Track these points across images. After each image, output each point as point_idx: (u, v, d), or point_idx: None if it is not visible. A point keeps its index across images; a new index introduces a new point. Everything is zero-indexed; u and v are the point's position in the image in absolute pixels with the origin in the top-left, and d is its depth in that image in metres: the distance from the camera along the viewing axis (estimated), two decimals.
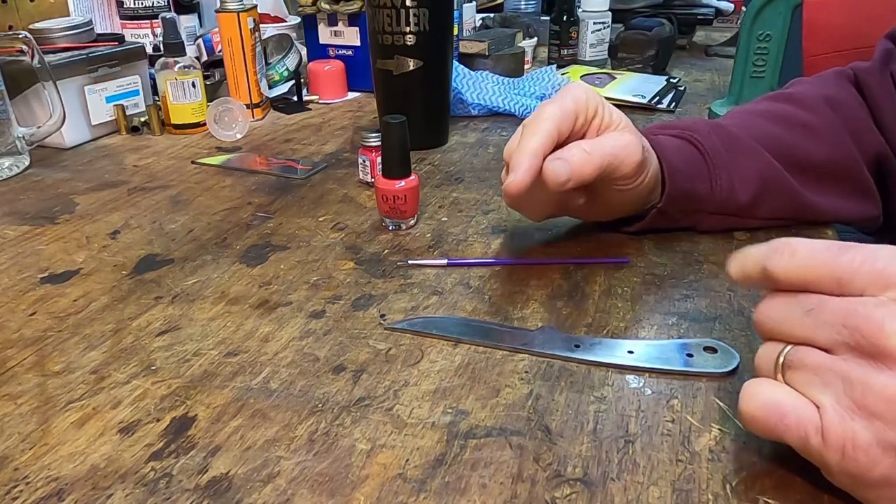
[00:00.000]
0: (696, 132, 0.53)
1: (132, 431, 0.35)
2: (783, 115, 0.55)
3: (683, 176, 0.51)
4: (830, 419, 0.27)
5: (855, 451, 0.26)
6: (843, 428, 0.26)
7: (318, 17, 1.01)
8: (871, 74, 0.57)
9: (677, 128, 0.54)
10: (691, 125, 0.54)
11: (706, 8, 1.30)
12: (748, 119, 0.56)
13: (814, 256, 0.29)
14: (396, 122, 0.54)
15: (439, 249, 0.53)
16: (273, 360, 0.40)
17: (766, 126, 0.55)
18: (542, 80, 0.95)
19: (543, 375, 0.38)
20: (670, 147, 0.52)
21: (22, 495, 0.31)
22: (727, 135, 0.53)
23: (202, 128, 0.85)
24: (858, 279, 0.27)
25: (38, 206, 0.64)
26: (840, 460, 0.27)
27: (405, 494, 0.31)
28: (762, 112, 0.57)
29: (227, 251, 0.54)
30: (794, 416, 0.28)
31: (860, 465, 0.26)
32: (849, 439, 0.26)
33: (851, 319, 0.27)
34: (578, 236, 0.55)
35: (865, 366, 0.26)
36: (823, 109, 0.55)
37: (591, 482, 0.31)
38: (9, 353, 0.42)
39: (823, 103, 0.56)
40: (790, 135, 0.54)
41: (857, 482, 0.27)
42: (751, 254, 0.31)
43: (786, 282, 0.29)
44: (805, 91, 0.58)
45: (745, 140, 0.53)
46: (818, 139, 0.54)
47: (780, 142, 0.53)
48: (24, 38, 0.71)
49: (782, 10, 0.82)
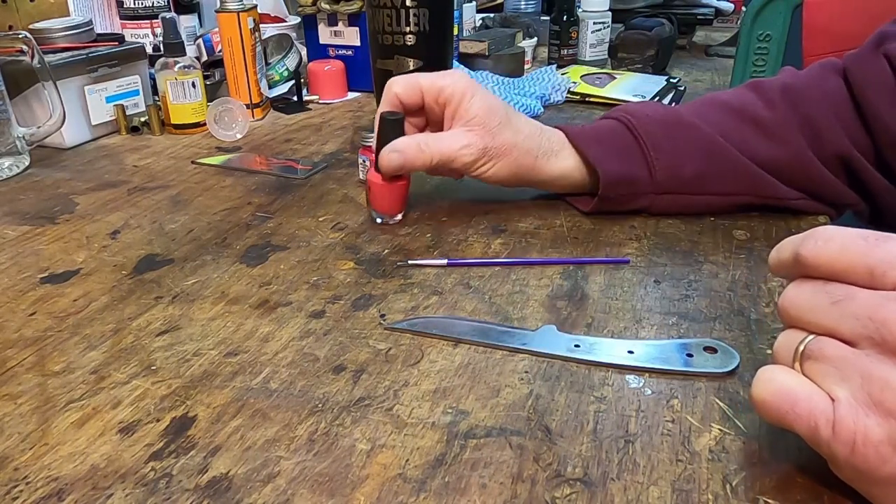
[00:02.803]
0: (633, 115, 0.56)
1: (132, 431, 0.35)
2: (740, 109, 0.56)
3: (610, 158, 0.54)
4: (844, 412, 0.26)
5: (865, 447, 0.26)
6: (856, 422, 0.26)
7: (318, 17, 1.01)
8: (859, 60, 0.55)
9: (620, 111, 0.58)
10: (633, 108, 0.58)
11: (706, 8, 1.30)
12: (702, 107, 0.57)
13: (848, 245, 0.28)
14: (394, 118, 0.54)
15: (439, 249, 0.53)
16: (273, 360, 0.40)
17: (717, 115, 0.56)
18: (542, 80, 0.95)
19: (543, 375, 0.39)
20: (600, 134, 0.56)
21: (22, 495, 0.31)
22: (666, 114, 0.56)
23: (202, 128, 0.85)
24: (893, 273, 0.26)
25: (38, 206, 0.64)
26: (849, 455, 0.26)
27: (405, 494, 0.31)
28: (721, 103, 0.57)
29: (227, 251, 0.54)
30: (807, 404, 0.27)
31: (869, 461, 0.26)
32: (860, 434, 0.26)
33: (880, 313, 0.26)
34: (578, 236, 0.55)
35: (888, 362, 0.26)
36: (780, 105, 0.55)
37: (591, 482, 0.31)
38: (9, 353, 0.42)
39: (781, 97, 0.55)
40: (743, 130, 0.55)
41: (865, 478, 0.27)
42: (787, 240, 0.30)
43: (816, 268, 0.28)
44: (771, 82, 0.58)
45: (686, 117, 0.55)
46: (771, 137, 0.54)
47: (733, 135, 0.54)
48: (24, 38, 0.71)
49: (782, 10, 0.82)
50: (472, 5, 1.25)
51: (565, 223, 0.57)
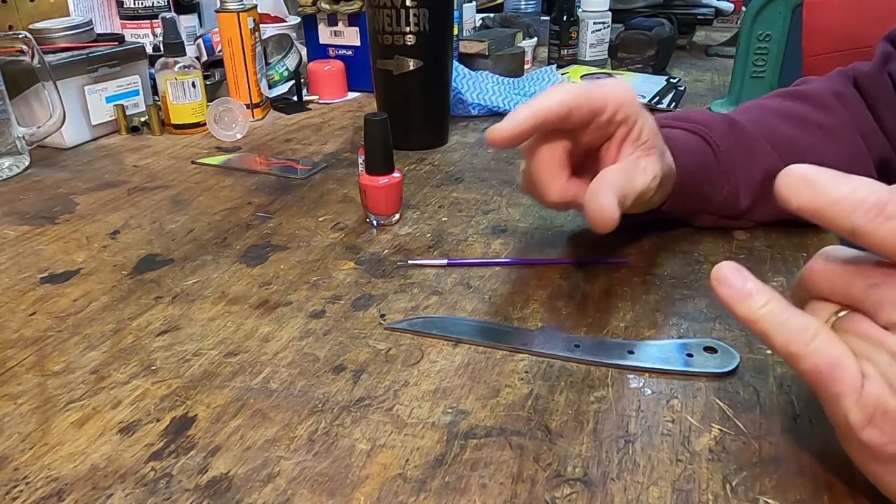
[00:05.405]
0: (712, 130, 0.52)
1: (132, 431, 0.35)
2: (798, 115, 0.54)
3: (694, 178, 0.50)
4: (872, 384, 0.26)
5: (884, 422, 0.26)
6: (881, 397, 0.26)
7: (318, 17, 1.01)
8: (870, 77, 0.56)
9: (692, 121, 0.53)
10: (707, 120, 0.53)
11: (706, 8, 1.30)
12: (763, 117, 0.55)
13: None
14: (377, 119, 0.54)
15: (439, 249, 0.53)
16: (273, 360, 0.40)
17: (780, 126, 0.54)
18: (542, 80, 0.95)
19: (543, 375, 0.38)
20: (685, 146, 0.50)
21: (22, 495, 0.31)
22: (741, 134, 0.52)
23: (202, 128, 0.85)
24: None
25: (38, 206, 0.64)
26: (865, 425, 0.26)
27: (405, 494, 0.31)
28: (776, 111, 0.55)
29: (227, 251, 0.54)
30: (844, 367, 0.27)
31: (883, 436, 0.26)
32: (880, 408, 0.26)
33: None
34: (578, 236, 0.55)
35: None
36: (837, 108, 0.55)
37: (591, 482, 0.31)
38: (9, 353, 0.42)
39: (836, 101, 0.55)
40: (805, 136, 0.53)
41: (871, 453, 0.27)
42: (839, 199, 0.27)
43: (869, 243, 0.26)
44: (817, 88, 0.57)
45: (758, 141, 0.52)
46: (833, 139, 0.53)
47: (794, 143, 0.52)
48: (24, 38, 0.71)
49: (782, 10, 0.82)
50: (472, 5, 1.25)
51: (565, 223, 0.57)
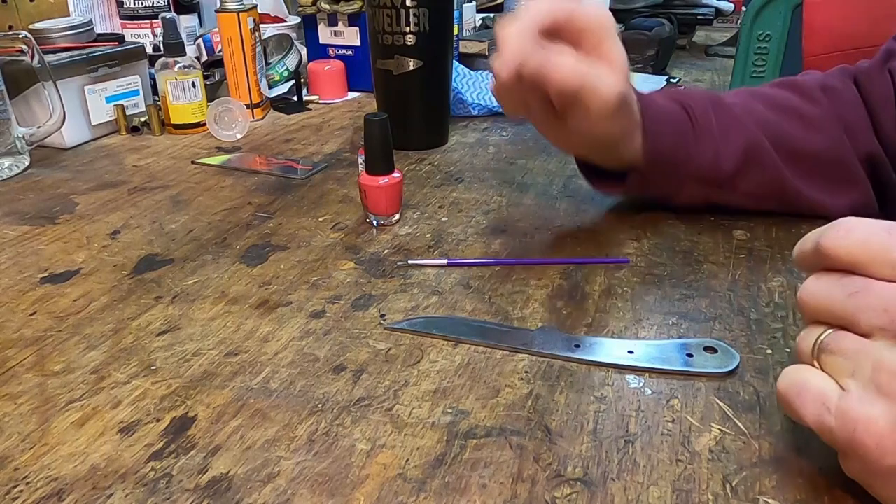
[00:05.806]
0: (692, 98, 0.54)
1: (132, 431, 0.35)
2: (783, 103, 0.56)
3: (666, 136, 0.52)
4: (849, 399, 0.26)
5: (867, 436, 0.25)
6: (860, 410, 0.26)
7: (318, 17, 1.01)
8: (870, 73, 0.57)
9: (677, 94, 0.56)
10: (690, 93, 0.56)
11: (706, 8, 1.30)
12: (749, 102, 0.56)
13: (870, 237, 0.27)
14: (377, 118, 0.54)
15: (439, 249, 0.53)
16: (273, 360, 0.40)
17: (765, 112, 0.55)
18: None
19: (543, 375, 0.38)
20: (660, 108, 0.53)
21: (22, 495, 0.31)
22: (721, 105, 0.54)
23: (202, 128, 0.85)
24: None
25: (38, 206, 0.64)
26: (850, 440, 0.26)
27: (405, 494, 0.31)
28: (763, 97, 0.57)
29: (227, 251, 0.54)
30: (813, 393, 0.27)
31: (870, 451, 0.25)
32: (862, 422, 0.25)
33: (894, 304, 0.26)
34: (578, 236, 0.55)
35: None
36: (822, 100, 0.56)
37: (591, 482, 0.31)
38: (9, 353, 0.42)
39: (822, 94, 0.56)
40: (788, 124, 0.55)
41: (868, 470, 0.27)
42: (812, 232, 0.29)
43: (836, 259, 0.28)
44: (809, 80, 0.58)
45: (739, 114, 0.54)
46: (814, 130, 0.54)
47: (777, 129, 0.54)
48: (24, 38, 0.71)
49: (782, 10, 0.82)
50: (472, 5, 1.25)
51: (565, 223, 0.57)
